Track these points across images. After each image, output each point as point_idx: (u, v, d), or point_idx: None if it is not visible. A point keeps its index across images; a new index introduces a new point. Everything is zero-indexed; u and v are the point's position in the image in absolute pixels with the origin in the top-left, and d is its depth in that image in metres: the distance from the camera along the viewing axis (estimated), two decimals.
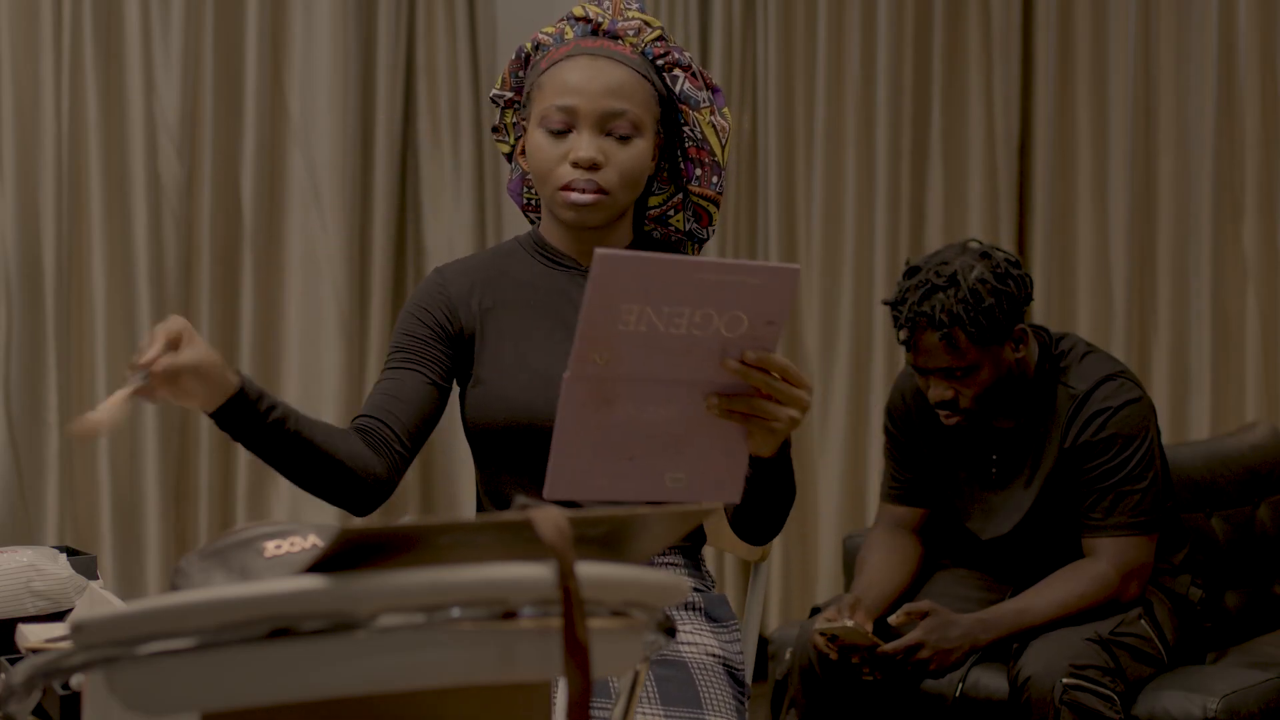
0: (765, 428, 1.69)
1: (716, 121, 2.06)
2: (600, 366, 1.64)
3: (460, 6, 4.25)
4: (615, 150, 1.97)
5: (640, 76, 2.00)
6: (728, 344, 1.65)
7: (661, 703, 1.95)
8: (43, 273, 3.74)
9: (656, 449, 1.69)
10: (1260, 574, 3.33)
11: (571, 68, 1.99)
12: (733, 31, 4.40)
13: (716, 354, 1.66)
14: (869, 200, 4.34)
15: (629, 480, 1.70)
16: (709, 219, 2.12)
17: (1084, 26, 4.21)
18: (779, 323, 1.65)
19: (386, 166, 4.17)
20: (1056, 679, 2.71)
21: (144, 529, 3.87)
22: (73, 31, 3.75)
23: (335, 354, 4.11)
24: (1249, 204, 4.07)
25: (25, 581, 1.88)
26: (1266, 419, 3.83)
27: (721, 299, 1.62)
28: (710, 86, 2.07)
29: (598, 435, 1.67)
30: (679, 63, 2.04)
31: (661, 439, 1.69)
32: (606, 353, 1.63)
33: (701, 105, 2.04)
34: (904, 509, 3.11)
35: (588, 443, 1.68)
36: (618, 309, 1.61)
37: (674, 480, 1.71)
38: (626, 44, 2.02)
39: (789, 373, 1.68)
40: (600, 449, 1.68)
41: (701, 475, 1.71)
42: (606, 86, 1.97)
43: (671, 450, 1.70)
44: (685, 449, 1.70)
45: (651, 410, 1.67)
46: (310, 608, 1.07)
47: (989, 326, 2.80)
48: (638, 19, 2.04)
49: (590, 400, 1.66)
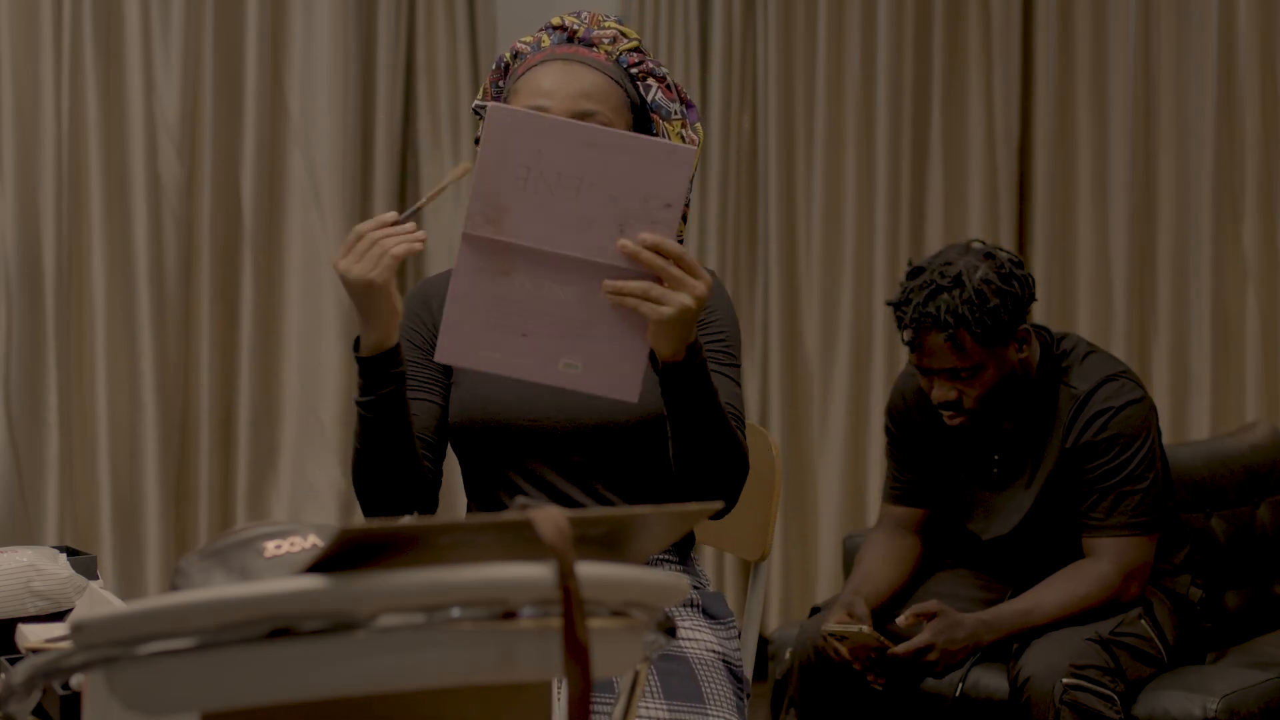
0: (656, 313, 1.71)
1: (686, 134, 2.06)
2: (494, 227, 1.67)
3: (460, 6, 4.25)
4: None
5: (612, 82, 2.01)
6: (625, 224, 1.67)
7: (665, 697, 1.96)
8: (43, 273, 3.74)
9: (552, 330, 1.71)
10: (1260, 574, 3.33)
11: (545, 72, 2.01)
12: (733, 31, 4.39)
13: (614, 233, 1.68)
14: (869, 200, 4.34)
15: (521, 357, 1.73)
16: None
17: (1084, 26, 4.21)
18: (676, 206, 1.67)
19: (386, 166, 4.17)
20: (1057, 679, 2.71)
21: (144, 529, 3.87)
22: (73, 31, 3.74)
23: (335, 354, 4.10)
24: (1249, 204, 4.07)
25: (25, 581, 1.88)
26: (1266, 419, 3.83)
27: (617, 172, 1.65)
28: (684, 101, 2.08)
29: (492, 304, 1.70)
30: (653, 72, 2.06)
31: (558, 321, 1.71)
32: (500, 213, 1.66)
33: (673, 117, 2.05)
34: (904, 509, 3.11)
35: (481, 310, 1.70)
36: (510, 167, 1.64)
37: (568, 365, 1.73)
38: (601, 51, 2.05)
39: (684, 260, 1.71)
40: (493, 319, 1.71)
41: (598, 366, 1.73)
42: (578, 89, 1.99)
43: (568, 335, 1.72)
44: (583, 336, 1.72)
45: (549, 289, 1.70)
46: (310, 608, 1.07)
47: (994, 327, 2.80)
48: (614, 29, 2.07)
49: (488, 267, 1.69)
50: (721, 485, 1.94)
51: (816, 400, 4.36)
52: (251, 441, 4.05)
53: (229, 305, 4.03)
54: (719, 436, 1.91)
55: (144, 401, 3.85)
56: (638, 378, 1.75)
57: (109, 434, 3.81)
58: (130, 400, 3.86)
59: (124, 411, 3.85)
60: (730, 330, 2.08)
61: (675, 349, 1.79)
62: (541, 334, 1.71)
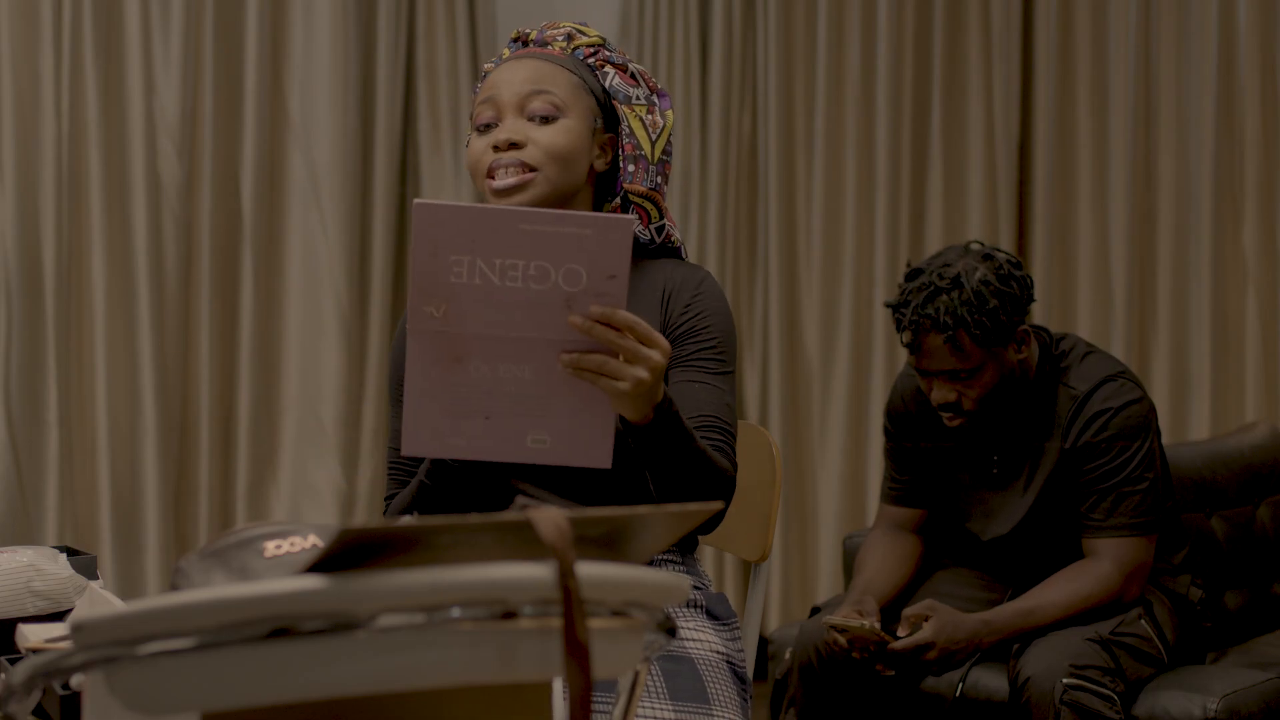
0: (612, 388, 1.69)
1: (648, 118, 2.05)
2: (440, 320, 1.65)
3: (460, 6, 4.25)
4: (536, 130, 1.99)
5: (566, 70, 2.02)
6: (573, 299, 1.65)
7: (670, 698, 1.96)
8: (43, 273, 3.73)
9: (515, 409, 1.69)
10: (1260, 574, 3.33)
11: (497, 71, 2.04)
12: (733, 31, 4.40)
13: (562, 310, 1.66)
14: (869, 200, 4.34)
15: (487, 439, 1.71)
16: (648, 218, 2.10)
17: (1084, 26, 4.21)
18: (621, 276, 1.64)
19: (386, 166, 4.17)
20: (1057, 679, 2.71)
21: (144, 529, 3.87)
22: (73, 31, 3.74)
23: (335, 354, 4.11)
24: (1249, 204, 4.07)
25: (25, 581, 1.88)
26: (1266, 419, 3.83)
27: (554, 251, 1.62)
28: (653, 89, 2.08)
29: (449, 393, 1.68)
30: (610, 60, 2.06)
31: (519, 400, 1.69)
32: (443, 305, 1.64)
33: (634, 101, 2.04)
34: (903, 510, 3.11)
35: (440, 400, 1.68)
36: (445, 260, 1.62)
37: (536, 441, 1.71)
38: (555, 47, 2.06)
39: (637, 330, 1.68)
40: (453, 407, 1.69)
41: (565, 438, 1.71)
42: (524, 76, 2.00)
43: (532, 412, 1.70)
44: (547, 410, 1.70)
45: (506, 369, 1.68)
46: (310, 608, 1.07)
47: (993, 328, 2.80)
48: (569, 28, 2.08)
49: (439, 357, 1.67)
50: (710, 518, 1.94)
51: (816, 400, 4.36)
52: (251, 441, 4.05)
53: (229, 305, 4.03)
54: (697, 478, 1.90)
55: (144, 401, 3.85)
56: (608, 443, 1.72)
57: (109, 434, 3.81)
58: (130, 400, 3.86)
59: (124, 411, 3.85)
60: (723, 336, 2.05)
61: (641, 414, 1.78)
62: (504, 415, 1.69)
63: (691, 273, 2.08)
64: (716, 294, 2.07)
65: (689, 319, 2.03)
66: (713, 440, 1.97)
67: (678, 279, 2.07)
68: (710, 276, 2.09)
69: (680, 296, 2.05)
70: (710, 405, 1.99)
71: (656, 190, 2.07)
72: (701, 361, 2.02)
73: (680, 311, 2.04)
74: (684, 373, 2.02)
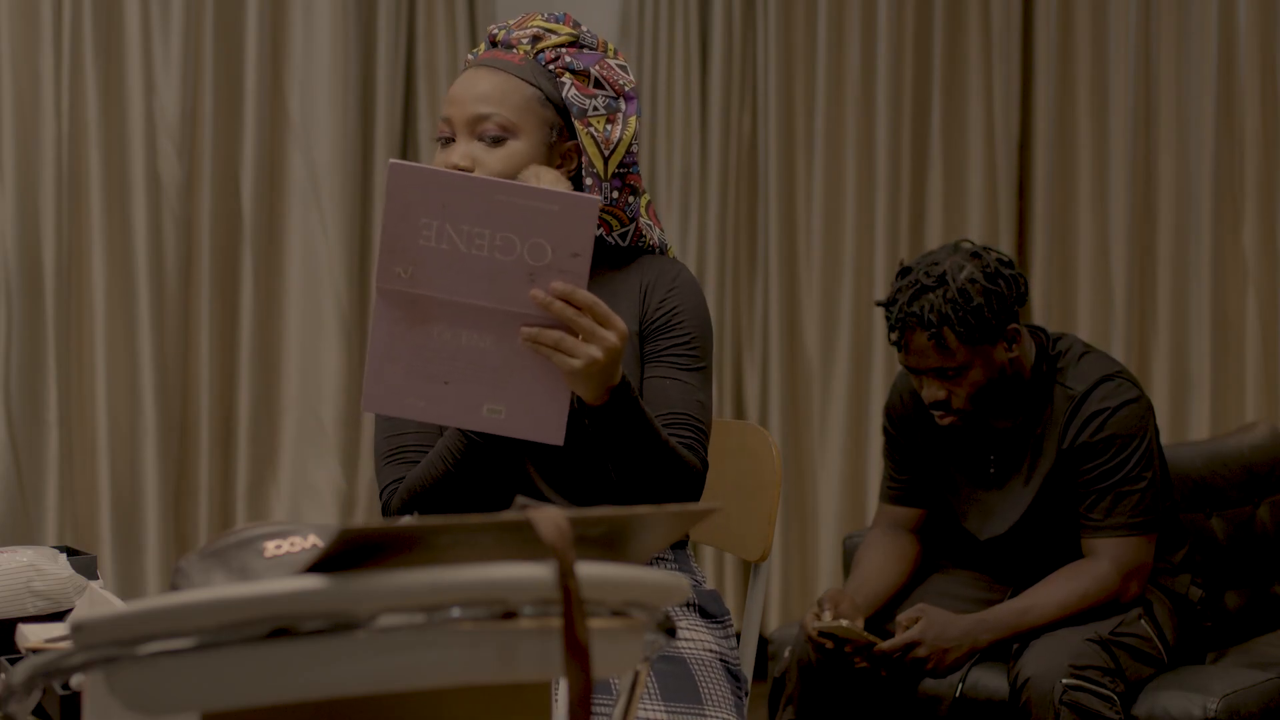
0: (565, 365, 1.72)
1: (602, 133, 2.03)
2: (406, 280, 1.68)
3: (460, 6, 4.25)
4: (485, 154, 1.99)
5: (522, 82, 2.01)
6: (537, 274, 1.69)
7: (662, 698, 1.96)
8: (43, 273, 3.73)
9: (474, 377, 1.72)
10: (1260, 574, 3.33)
11: (456, 83, 2.04)
12: (733, 31, 4.40)
13: (526, 283, 1.69)
14: (869, 200, 4.34)
15: (445, 404, 1.74)
16: (609, 229, 2.09)
17: (1084, 26, 4.21)
18: (584, 255, 1.68)
19: (386, 167, 4.16)
20: (1056, 679, 2.71)
21: (144, 529, 3.87)
22: (73, 31, 3.74)
23: (335, 354, 4.11)
24: (1249, 204, 4.06)
25: (25, 581, 1.88)
26: (1266, 419, 3.83)
27: (522, 223, 1.66)
28: (619, 93, 2.05)
29: (412, 354, 1.71)
30: (569, 68, 2.03)
31: (479, 368, 1.72)
32: (410, 266, 1.68)
33: (590, 113, 2.03)
34: (902, 509, 3.11)
35: (402, 360, 1.72)
36: (416, 222, 1.66)
37: (491, 411, 1.74)
38: (519, 52, 2.04)
39: (595, 310, 1.71)
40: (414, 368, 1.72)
41: (520, 410, 1.75)
42: (475, 94, 2.00)
43: (490, 381, 1.73)
44: (505, 382, 1.73)
45: (468, 337, 1.71)
46: (310, 608, 1.07)
47: (978, 326, 2.80)
48: (537, 27, 2.06)
49: (404, 317, 1.70)
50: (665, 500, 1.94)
51: (816, 400, 4.36)
52: (251, 441, 4.05)
53: (229, 305, 4.03)
54: (659, 469, 1.91)
55: (144, 401, 3.85)
56: (562, 420, 1.76)
57: (109, 434, 3.81)
58: (130, 400, 3.86)
59: (124, 411, 3.85)
60: (698, 333, 2.05)
61: (595, 395, 1.80)
62: (463, 381, 1.73)
63: (668, 266, 2.09)
64: (691, 289, 2.07)
65: (663, 314, 2.04)
66: (681, 437, 1.98)
67: (654, 273, 2.08)
68: (686, 270, 2.10)
69: (656, 291, 2.06)
70: (681, 402, 1.99)
71: (614, 205, 2.06)
72: (674, 358, 2.02)
73: (655, 306, 2.05)
74: (656, 368, 2.02)
